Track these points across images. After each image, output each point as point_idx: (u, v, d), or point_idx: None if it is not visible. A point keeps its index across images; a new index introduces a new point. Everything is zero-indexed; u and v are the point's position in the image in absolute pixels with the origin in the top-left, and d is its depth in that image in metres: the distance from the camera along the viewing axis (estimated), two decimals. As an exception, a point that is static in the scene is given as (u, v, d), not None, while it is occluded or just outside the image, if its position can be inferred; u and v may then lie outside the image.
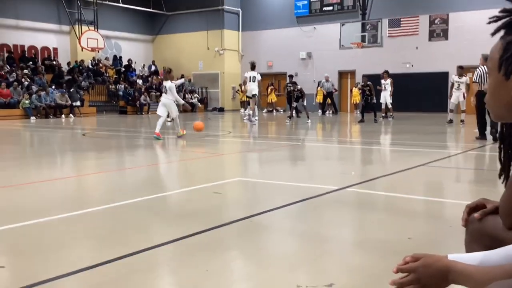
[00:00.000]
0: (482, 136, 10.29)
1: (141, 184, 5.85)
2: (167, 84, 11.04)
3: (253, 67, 17.09)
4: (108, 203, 4.57)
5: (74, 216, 4.12)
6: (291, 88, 18.68)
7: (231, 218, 3.96)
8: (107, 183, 5.97)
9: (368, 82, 17.11)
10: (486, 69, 10.12)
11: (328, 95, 23.29)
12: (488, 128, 10.01)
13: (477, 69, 10.39)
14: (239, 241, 3.45)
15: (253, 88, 16.82)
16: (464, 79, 15.23)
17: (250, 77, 16.96)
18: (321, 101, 23.62)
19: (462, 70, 15.35)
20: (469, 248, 1.52)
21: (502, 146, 1.44)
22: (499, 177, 1.48)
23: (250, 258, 3.10)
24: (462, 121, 15.25)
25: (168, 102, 11.08)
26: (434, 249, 3.20)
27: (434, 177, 6.21)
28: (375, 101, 17.13)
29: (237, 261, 3.11)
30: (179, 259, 3.05)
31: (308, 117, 17.43)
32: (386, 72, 18.74)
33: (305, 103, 18.21)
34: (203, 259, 2.97)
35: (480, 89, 10.21)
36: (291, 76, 21.32)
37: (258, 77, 17.03)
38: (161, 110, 11.21)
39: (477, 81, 10.32)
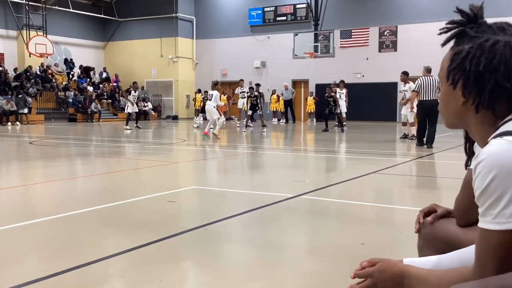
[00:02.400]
0: (419, 143, 10.72)
1: (92, 193, 5.70)
2: (214, 92, 13.44)
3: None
4: (58, 214, 4.42)
5: (21, 227, 3.96)
6: (249, 95, 18.56)
7: (186, 227, 3.92)
8: (56, 192, 5.78)
9: (332, 93, 17.28)
10: (428, 80, 10.48)
11: (288, 103, 23.53)
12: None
13: (418, 79, 10.76)
14: (194, 251, 3.41)
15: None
16: (408, 86, 13.59)
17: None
18: (281, 109, 23.99)
19: (406, 77, 13.42)
20: (422, 253, 1.57)
21: (467, 136, 1.50)
22: (466, 168, 1.54)
23: (206, 267, 3.07)
24: (410, 136, 12.96)
25: (208, 108, 13.52)
26: (387, 254, 3.26)
27: (384, 184, 6.36)
28: (338, 111, 17.29)
29: (193, 271, 3.07)
30: (133, 270, 2.98)
31: (263, 126, 17.55)
32: (342, 81, 19.10)
33: (260, 112, 18.17)
34: (157, 270, 2.92)
35: (421, 99, 10.61)
36: (255, 85, 19.62)
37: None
38: (208, 115, 13.87)
39: (416, 90, 10.72)
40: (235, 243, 3.62)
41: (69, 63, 27.98)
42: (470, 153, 1.49)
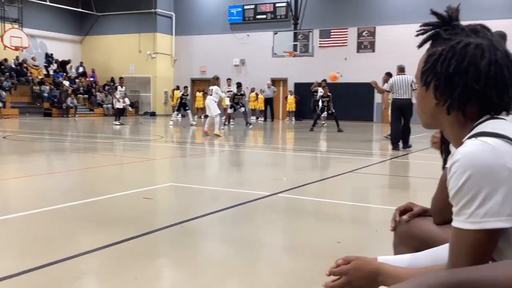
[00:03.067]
0: (394, 146, 10.20)
1: (67, 189, 5.61)
2: (214, 87, 13.59)
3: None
4: (31, 209, 4.33)
5: (-8, 223, 3.87)
6: (236, 92, 18.37)
7: (162, 224, 3.89)
8: (30, 188, 5.67)
9: (329, 93, 17.24)
10: (400, 79, 10.32)
11: (268, 101, 23.56)
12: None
13: (391, 78, 10.64)
14: (170, 248, 3.39)
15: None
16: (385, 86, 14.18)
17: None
18: (260, 108, 24.02)
19: (388, 77, 12.84)
20: (397, 250, 1.58)
21: (443, 137, 1.52)
22: (443, 169, 1.56)
23: (181, 265, 3.05)
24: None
25: (208, 102, 13.55)
26: (362, 252, 3.29)
27: (360, 183, 6.42)
28: (333, 110, 17.18)
29: (168, 268, 3.05)
30: (107, 267, 2.95)
31: (247, 123, 17.57)
32: (324, 81, 19.19)
33: (242, 110, 17.98)
34: (132, 267, 2.89)
35: (394, 97, 10.41)
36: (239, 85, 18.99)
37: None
38: (207, 111, 13.78)
39: (388, 89, 10.57)
40: (212, 241, 3.61)
41: (48, 58, 27.45)
42: (446, 153, 1.52)
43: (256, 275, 2.88)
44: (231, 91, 18.14)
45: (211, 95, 13.68)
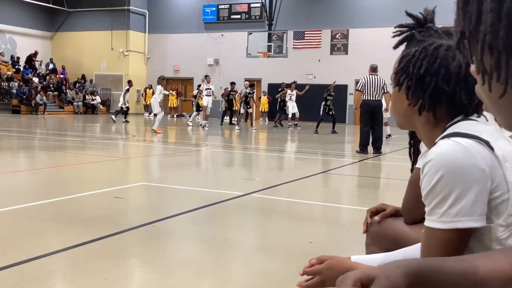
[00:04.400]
0: (362, 150, 9.65)
1: (35, 188, 5.48)
2: (158, 87, 14.28)
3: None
4: (-3, 208, 4.22)
5: (-44, 222, 3.75)
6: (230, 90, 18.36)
7: (133, 224, 3.83)
8: (-4, 186, 5.52)
9: (332, 93, 17.18)
10: (371, 79, 9.62)
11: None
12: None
13: (362, 77, 9.84)
14: (140, 248, 3.34)
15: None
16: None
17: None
18: (237, 108, 23.89)
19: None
20: (369, 250, 1.59)
21: (411, 142, 1.54)
22: (411, 172, 1.58)
23: (152, 265, 3.01)
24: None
25: (152, 101, 14.60)
26: (335, 252, 3.31)
27: (332, 184, 6.47)
28: (333, 112, 17.15)
29: (139, 268, 3.00)
30: (76, 267, 2.89)
31: (237, 123, 17.64)
32: (294, 83, 19.30)
33: (250, 111, 17.99)
34: (102, 267, 2.84)
35: (364, 99, 9.68)
36: (231, 84, 19.64)
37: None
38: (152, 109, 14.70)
39: (359, 89, 9.76)
40: (183, 240, 3.58)
41: (13, 59, 26.69)
42: (416, 154, 1.54)
43: (228, 275, 2.86)
44: (210, 88, 17.90)
45: (210, 95, 14.75)
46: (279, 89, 20.31)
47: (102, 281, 2.64)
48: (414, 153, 1.56)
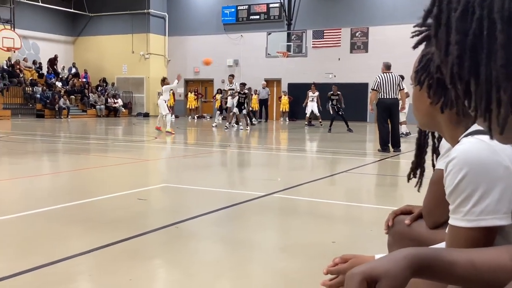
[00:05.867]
0: (383, 148, 9.57)
1: (59, 191, 5.58)
2: (164, 87, 14.41)
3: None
4: (23, 211, 4.30)
5: (-16, 225, 3.84)
6: (238, 91, 18.04)
7: (156, 225, 3.87)
8: (22, 190, 5.63)
9: (338, 92, 17.22)
10: (386, 77, 9.53)
11: (263, 102, 23.52)
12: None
13: (377, 76, 9.77)
14: (164, 249, 3.37)
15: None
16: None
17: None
18: (255, 108, 23.86)
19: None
20: (392, 250, 1.58)
21: (417, 152, 1.53)
22: (408, 180, 1.57)
23: (175, 265, 3.03)
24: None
25: (159, 102, 14.54)
26: (357, 251, 3.29)
27: (354, 183, 6.43)
28: (342, 111, 17.13)
29: (162, 269, 3.03)
30: (101, 268, 2.92)
31: (247, 124, 17.12)
32: (314, 84, 19.31)
33: (245, 112, 17.51)
34: (126, 268, 2.87)
35: (380, 97, 9.61)
36: (241, 84, 18.65)
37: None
38: (159, 110, 14.61)
39: (375, 88, 9.66)
40: (206, 241, 3.59)
41: (37, 65, 27.19)
42: (417, 167, 1.53)
43: (250, 275, 2.87)
44: (233, 89, 17.71)
45: (162, 95, 14.51)
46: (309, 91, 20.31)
47: (126, 281, 2.67)
48: (420, 162, 1.56)
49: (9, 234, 3.67)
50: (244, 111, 17.19)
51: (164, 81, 14.82)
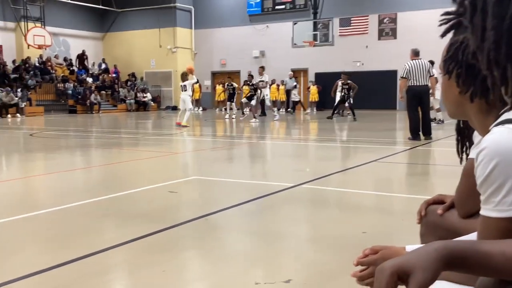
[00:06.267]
0: (414, 137, 9.48)
1: (93, 185, 5.71)
2: (186, 82, 14.49)
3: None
4: (59, 205, 4.43)
5: (22, 219, 3.97)
6: (248, 83, 18.07)
7: (187, 218, 3.93)
8: (57, 184, 5.78)
9: (349, 81, 17.14)
10: (415, 64, 9.40)
11: (290, 92, 23.49)
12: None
13: (406, 64, 9.65)
14: (195, 241, 3.42)
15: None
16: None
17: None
18: (281, 99, 23.84)
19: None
20: (424, 240, 1.57)
21: (459, 138, 1.51)
22: (460, 161, 1.56)
23: (206, 257, 3.08)
24: (436, 120, 13.67)
25: (184, 97, 14.62)
26: (388, 242, 3.27)
27: (385, 173, 6.36)
28: (351, 100, 17.09)
29: (194, 260, 3.08)
30: (135, 260, 2.99)
31: (254, 117, 17.02)
32: (345, 74, 19.11)
33: (254, 103, 17.49)
34: (159, 260, 2.93)
35: (410, 84, 9.48)
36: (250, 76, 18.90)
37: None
38: (181, 105, 14.86)
39: (404, 76, 9.56)
40: (236, 233, 3.63)
41: (67, 61, 27.73)
42: (469, 144, 1.50)
43: (280, 266, 2.89)
44: (263, 80, 17.74)
45: (185, 90, 14.50)
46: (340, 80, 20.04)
47: (160, 273, 2.73)
48: (462, 149, 1.54)
49: (46, 228, 3.79)
50: (253, 102, 17.18)
51: (187, 75, 14.78)
